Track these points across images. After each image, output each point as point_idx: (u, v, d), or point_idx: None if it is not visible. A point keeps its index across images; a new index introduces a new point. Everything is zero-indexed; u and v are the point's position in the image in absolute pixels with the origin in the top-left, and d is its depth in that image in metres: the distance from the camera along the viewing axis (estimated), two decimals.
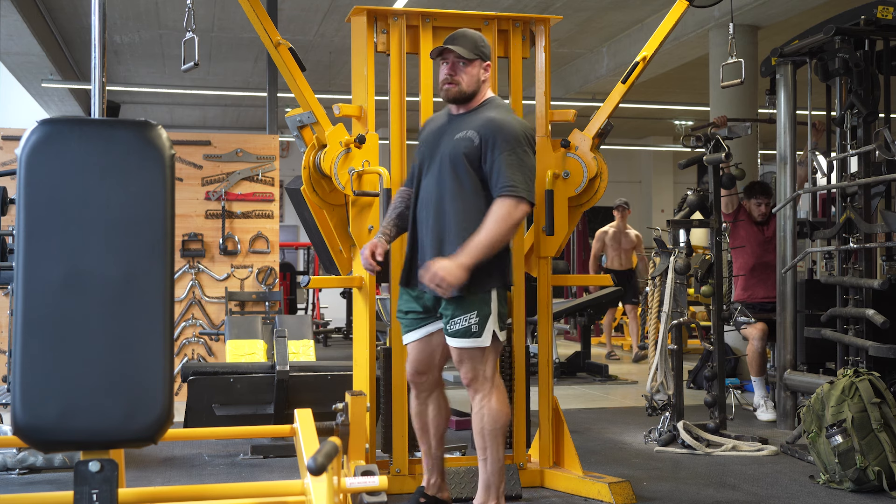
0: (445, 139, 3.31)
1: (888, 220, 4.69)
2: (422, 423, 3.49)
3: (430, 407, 3.47)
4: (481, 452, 3.31)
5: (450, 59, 3.30)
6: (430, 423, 3.47)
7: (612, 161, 5.61)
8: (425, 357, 3.42)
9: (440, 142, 3.33)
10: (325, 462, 2.03)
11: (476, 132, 3.23)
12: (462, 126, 3.29)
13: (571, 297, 11.86)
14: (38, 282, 2.07)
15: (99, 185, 2.13)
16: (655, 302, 4.99)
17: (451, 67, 3.30)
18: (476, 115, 3.31)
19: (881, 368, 4.51)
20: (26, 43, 9.55)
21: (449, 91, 3.31)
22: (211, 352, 6.72)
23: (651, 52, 4.09)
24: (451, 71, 3.29)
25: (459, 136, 3.26)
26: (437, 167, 3.29)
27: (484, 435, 3.28)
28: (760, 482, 4.09)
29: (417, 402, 3.48)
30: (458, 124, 3.32)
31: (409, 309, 3.42)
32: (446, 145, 3.29)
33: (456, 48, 3.27)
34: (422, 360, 3.42)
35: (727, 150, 4.94)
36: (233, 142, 6.96)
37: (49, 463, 4.14)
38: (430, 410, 3.47)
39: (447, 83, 3.30)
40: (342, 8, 9.26)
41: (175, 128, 14.57)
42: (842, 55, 4.86)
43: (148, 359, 2.10)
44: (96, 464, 2.10)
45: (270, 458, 4.56)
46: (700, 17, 8.46)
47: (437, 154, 3.31)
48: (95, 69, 2.87)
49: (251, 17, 3.69)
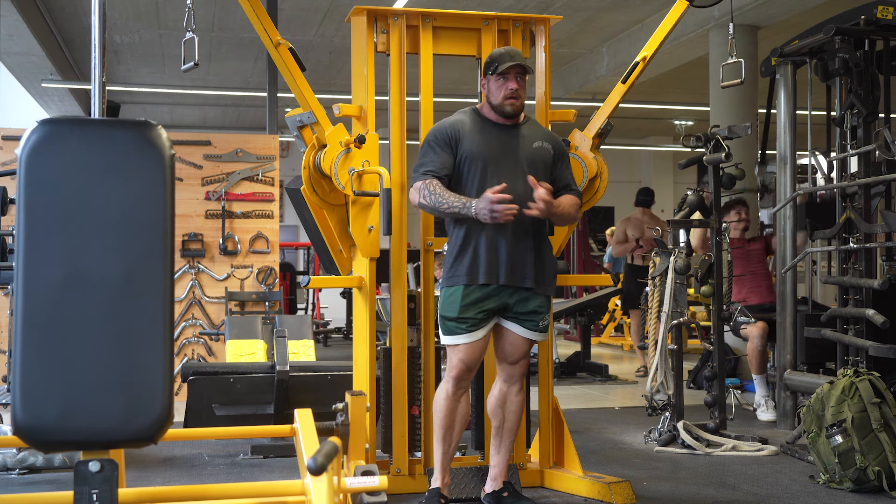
0: (516, 145, 3.55)
1: (888, 220, 4.69)
2: (451, 421, 3.53)
3: (462, 404, 3.55)
4: (509, 434, 3.64)
5: (513, 75, 3.50)
6: (457, 421, 3.54)
7: (612, 161, 5.61)
8: (480, 354, 3.55)
9: (509, 148, 3.54)
10: (325, 462, 2.03)
11: (549, 144, 3.62)
12: (531, 136, 3.60)
13: (571, 297, 11.86)
14: (38, 282, 2.07)
15: (99, 185, 2.12)
16: (655, 302, 4.99)
17: (518, 84, 3.51)
18: (533, 128, 3.65)
19: (881, 368, 4.50)
20: (26, 43, 9.55)
21: (514, 105, 3.52)
22: (211, 352, 6.72)
23: (651, 52, 4.09)
24: (519, 87, 3.52)
25: (537, 145, 3.58)
26: (519, 170, 3.50)
27: (515, 419, 3.63)
28: (760, 482, 4.09)
29: (453, 399, 3.52)
30: (522, 133, 3.59)
31: (485, 308, 3.47)
32: (524, 151, 3.55)
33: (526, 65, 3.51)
34: (477, 358, 3.53)
35: (727, 150, 4.95)
36: (233, 142, 6.96)
37: (49, 463, 4.14)
38: (461, 408, 3.55)
39: (513, 98, 3.51)
40: (342, 8, 9.26)
41: (175, 128, 14.56)
42: (842, 55, 4.86)
43: (148, 359, 2.10)
44: (96, 464, 2.09)
45: (270, 458, 4.56)
46: (700, 17, 8.46)
47: (509, 158, 3.52)
48: (95, 69, 2.87)
49: (251, 17, 3.69)
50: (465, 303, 3.45)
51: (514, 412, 3.62)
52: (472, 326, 3.46)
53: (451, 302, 3.48)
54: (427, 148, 3.53)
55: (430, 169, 3.46)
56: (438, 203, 3.39)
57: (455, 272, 3.48)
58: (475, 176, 3.48)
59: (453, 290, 3.48)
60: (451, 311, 3.47)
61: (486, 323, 3.50)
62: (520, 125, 3.60)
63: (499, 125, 3.58)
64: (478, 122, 3.59)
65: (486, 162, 3.49)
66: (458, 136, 3.52)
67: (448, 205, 3.38)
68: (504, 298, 3.48)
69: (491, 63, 3.53)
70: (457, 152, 3.50)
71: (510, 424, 3.62)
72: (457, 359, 3.49)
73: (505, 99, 3.51)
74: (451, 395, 3.52)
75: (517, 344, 3.55)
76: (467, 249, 3.46)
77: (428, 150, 3.52)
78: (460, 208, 3.36)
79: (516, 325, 3.53)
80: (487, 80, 3.55)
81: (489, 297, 3.46)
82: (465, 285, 3.45)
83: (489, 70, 3.53)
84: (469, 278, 3.45)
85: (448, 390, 3.52)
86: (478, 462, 3.97)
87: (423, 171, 3.47)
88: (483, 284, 3.45)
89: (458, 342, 3.48)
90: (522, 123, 3.62)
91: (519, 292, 3.49)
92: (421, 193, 3.43)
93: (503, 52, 3.55)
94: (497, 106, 3.53)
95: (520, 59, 3.50)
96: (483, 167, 3.49)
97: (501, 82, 3.50)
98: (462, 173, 3.50)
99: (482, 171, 3.48)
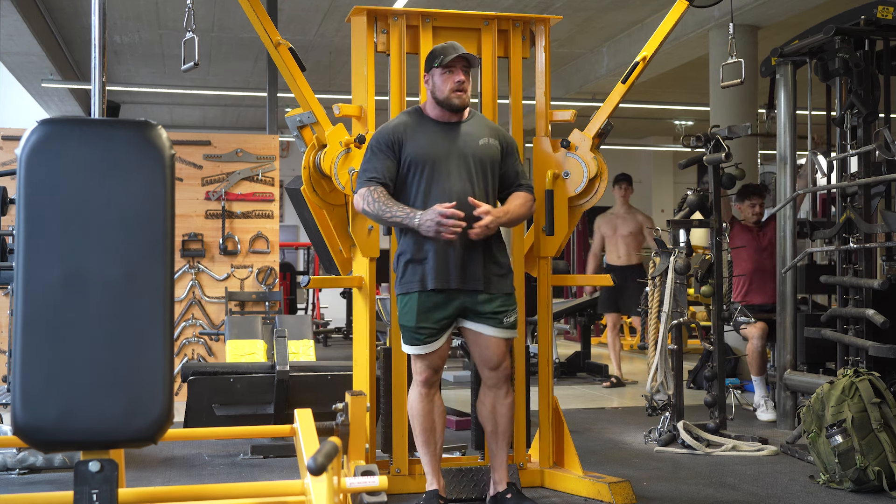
0: (461, 143, 3.49)
1: (888, 220, 4.69)
2: (430, 423, 3.52)
3: (435, 405, 3.54)
4: (504, 437, 3.59)
5: (459, 67, 3.44)
6: (436, 422, 3.54)
7: (612, 161, 5.61)
8: (444, 356, 3.55)
9: (454, 146, 3.48)
10: (325, 462, 2.03)
11: (496, 140, 3.56)
12: (476, 133, 3.53)
13: (571, 297, 11.86)
14: (38, 282, 2.07)
15: (99, 185, 2.12)
16: (655, 302, 4.99)
17: (464, 76, 3.46)
18: (478, 123, 3.59)
19: (881, 368, 4.50)
20: (26, 43, 9.55)
21: (461, 98, 3.47)
22: (211, 352, 6.72)
23: (651, 52, 4.09)
24: (465, 79, 3.47)
25: (483, 142, 3.52)
26: (464, 170, 3.45)
27: (507, 422, 3.59)
28: (760, 482, 4.09)
29: (427, 401, 3.52)
30: (466, 130, 3.53)
31: (442, 316, 3.45)
32: (469, 149, 3.49)
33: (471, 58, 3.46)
34: (440, 362, 3.53)
35: (727, 150, 4.95)
36: (233, 142, 6.96)
37: (49, 463, 4.13)
38: (436, 409, 3.54)
39: (460, 90, 3.46)
40: (342, 8, 9.25)
41: (175, 128, 14.56)
42: (842, 55, 4.85)
43: (148, 359, 2.10)
44: (96, 464, 2.09)
45: (270, 458, 4.56)
46: (700, 17, 8.46)
47: (454, 159, 3.46)
48: (95, 69, 2.87)
49: (251, 17, 3.69)
50: (422, 311, 3.43)
51: (504, 415, 3.59)
52: (431, 337, 3.46)
53: (408, 311, 3.46)
54: (370, 153, 3.47)
55: (373, 175, 3.40)
56: (381, 212, 3.34)
57: (407, 279, 3.46)
58: (421, 179, 3.44)
59: (408, 297, 3.46)
60: (408, 321, 3.47)
61: (445, 331, 3.49)
62: (463, 122, 3.54)
63: (442, 124, 3.52)
64: (421, 122, 3.53)
65: (432, 164, 3.44)
66: (402, 140, 3.46)
67: (391, 214, 3.32)
68: (461, 301, 3.45)
69: (435, 56, 3.47)
70: (400, 157, 3.45)
71: (503, 427, 3.60)
72: (421, 365, 3.50)
73: (452, 91, 3.44)
74: (424, 397, 3.52)
75: (490, 346, 3.51)
76: (417, 256, 3.43)
77: (371, 155, 3.46)
78: (402, 218, 3.31)
79: (481, 325, 3.49)
80: (431, 75, 3.49)
81: (445, 304, 3.44)
82: (419, 291, 3.43)
83: (433, 63, 3.47)
84: (421, 284, 3.43)
85: (420, 392, 3.53)
86: (477, 462, 3.97)
87: (367, 177, 3.41)
88: (436, 290, 3.42)
89: (417, 352, 3.48)
90: (467, 120, 3.56)
91: (473, 296, 3.46)
92: (365, 200, 3.37)
93: (447, 45, 3.49)
94: (443, 100, 3.47)
95: (464, 51, 3.44)
96: (429, 170, 3.43)
97: (447, 75, 3.45)
98: (406, 177, 3.45)
99: (428, 174, 3.43)
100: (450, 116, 3.52)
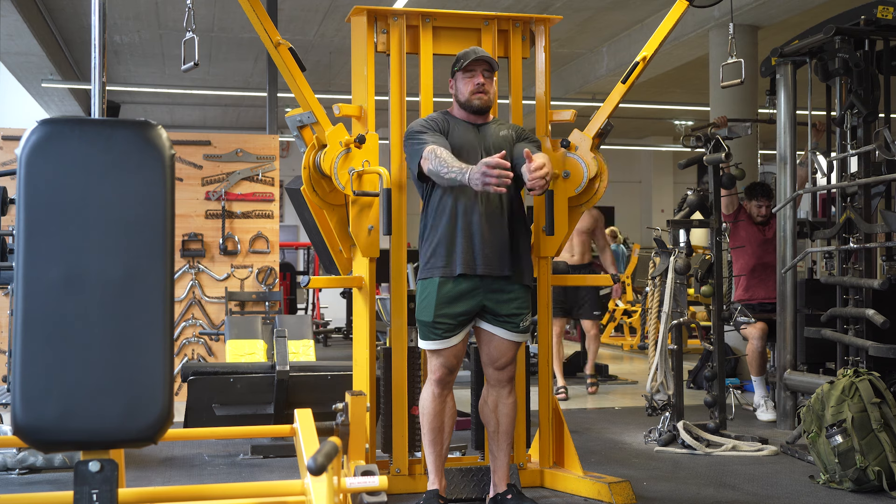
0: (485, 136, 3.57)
1: (888, 220, 4.69)
2: (440, 423, 3.53)
3: (447, 406, 3.55)
4: (505, 437, 3.60)
5: (479, 70, 3.53)
6: (445, 423, 3.55)
7: (612, 161, 5.60)
8: (461, 355, 3.55)
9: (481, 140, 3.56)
10: (325, 462, 2.03)
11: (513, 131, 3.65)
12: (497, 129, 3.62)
13: None
14: (38, 282, 2.06)
15: (99, 185, 2.12)
16: (655, 302, 4.99)
17: (485, 78, 3.54)
18: (500, 122, 3.68)
19: (881, 368, 4.50)
20: (26, 43, 9.55)
21: (482, 99, 3.55)
22: (211, 352, 6.72)
23: (651, 52, 4.09)
24: (486, 81, 3.54)
25: (503, 133, 3.60)
26: None
27: (509, 421, 3.60)
28: (760, 482, 4.09)
29: (438, 402, 3.53)
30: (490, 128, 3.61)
31: (461, 311, 3.45)
32: (491, 139, 3.57)
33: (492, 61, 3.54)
34: (456, 360, 3.53)
35: (727, 150, 4.95)
36: (233, 142, 6.96)
37: (49, 463, 4.13)
38: (447, 410, 3.55)
39: (481, 92, 3.54)
40: (342, 8, 9.26)
41: (175, 128, 14.57)
42: (842, 55, 4.86)
43: (148, 359, 2.09)
44: (96, 464, 2.09)
45: (270, 458, 4.56)
46: (700, 17, 8.46)
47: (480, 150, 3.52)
48: (95, 69, 2.87)
49: (251, 17, 3.69)
50: (441, 301, 3.44)
51: (507, 415, 3.61)
52: (448, 332, 3.46)
53: (427, 301, 3.47)
54: (418, 131, 3.50)
55: (434, 140, 3.44)
56: (440, 168, 3.32)
57: (431, 263, 3.48)
58: None
59: (428, 282, 3.48)
60: (426, 315, 3.47)
61: (463, 328, 3.50)
62: (489, 123, 3.63)
63: (468, 124, 3.60)
64: (451, 120, 3.61)
65: (466, 155, 3.49)
66: (445, 128, 3.55)
67: (447, 169, 3.31)
68: (481, 299, 3.46)
69: (457, 61, 3.58)
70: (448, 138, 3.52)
71: (505, 427, 3.61)
72: (437, 363, 3.50)
73: (472, 94, 3.54)
74: (437, 397, 3.53)
75: (501, 348, 3.54)
76: (443, 240, 3.45)
77: (420, 133, 3.49)
78: (457, 174, 3.28)
79: (496, 328, 3.52)
80: (455, 80, 3.60)
81: (467, 297, 3.44)
82: (440, 278, 3.44)
83: (455, 67, 3.57)
84: (445, 270, 3.44)
85: (434, 392, 3.53)
86: (478, 462, 3.98)
87: (430, 141, 3.43)
88: (460, 277, 3.43)
89: (433, 347, 3.49)
90: (492, 122, 3.65)
91: (496, 293, 3.47)
92: (429, 161, 3.38)
93: (468, 50, 3.61)
94: (465, 102, 3.56)
95: (485, 55, 3.54)
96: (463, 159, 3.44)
97: (468, 78, 3.55)
98: None
99: None
100: (475, 118, 3.61)
